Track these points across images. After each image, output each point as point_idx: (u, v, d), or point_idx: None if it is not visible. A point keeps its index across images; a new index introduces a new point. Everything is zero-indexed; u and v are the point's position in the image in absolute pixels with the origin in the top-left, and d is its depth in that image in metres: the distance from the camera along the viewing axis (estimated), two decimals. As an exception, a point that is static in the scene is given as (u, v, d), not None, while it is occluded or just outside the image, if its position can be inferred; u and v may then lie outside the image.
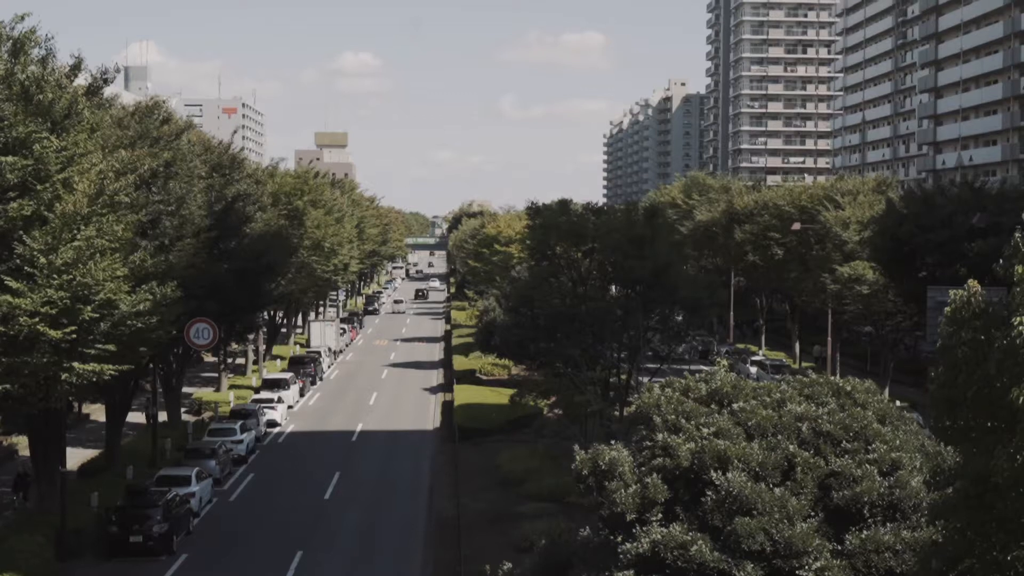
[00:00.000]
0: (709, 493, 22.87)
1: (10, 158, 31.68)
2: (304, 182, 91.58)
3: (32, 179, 32.47)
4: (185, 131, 54.75)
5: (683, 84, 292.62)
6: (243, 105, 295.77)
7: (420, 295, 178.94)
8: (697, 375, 26.78)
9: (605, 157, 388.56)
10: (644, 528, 22.96)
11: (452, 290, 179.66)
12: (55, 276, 32.38)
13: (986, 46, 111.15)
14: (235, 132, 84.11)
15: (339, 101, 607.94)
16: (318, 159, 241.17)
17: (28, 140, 32.06)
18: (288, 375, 76.10)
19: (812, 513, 22.91)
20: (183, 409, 67.38)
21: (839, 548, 22.22)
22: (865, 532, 22.30)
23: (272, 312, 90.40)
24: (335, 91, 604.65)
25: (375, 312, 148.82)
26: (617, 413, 50.76)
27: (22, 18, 34.27)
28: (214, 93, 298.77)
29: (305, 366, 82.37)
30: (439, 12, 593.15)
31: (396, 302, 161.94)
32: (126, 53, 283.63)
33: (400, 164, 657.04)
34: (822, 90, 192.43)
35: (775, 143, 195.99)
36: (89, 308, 33.71)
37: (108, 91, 42.86)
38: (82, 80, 38.62)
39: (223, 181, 60.80)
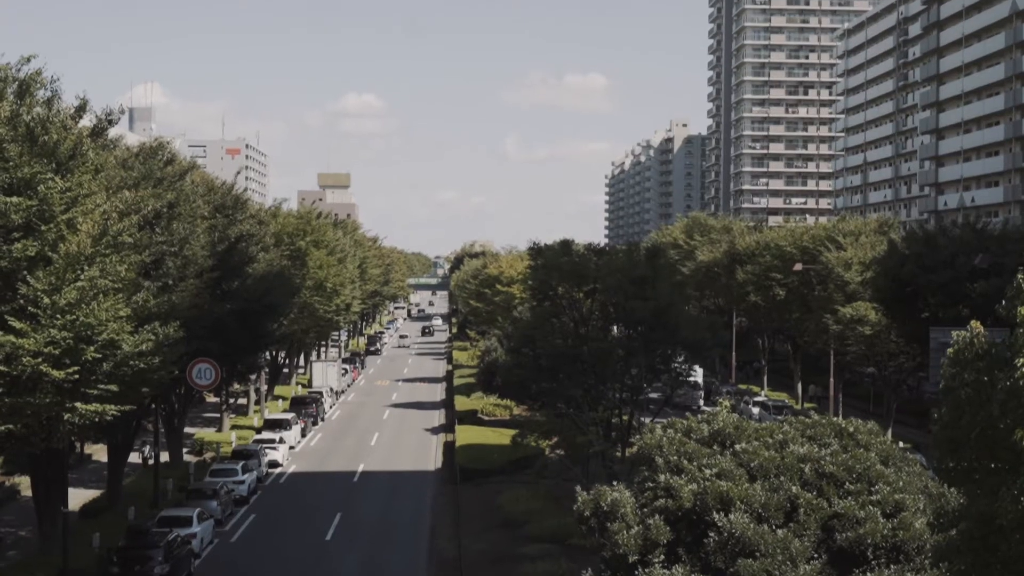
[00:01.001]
0: (712, 535, 22.83)
1: (15, 199, 31.78)
2: (307, 222, 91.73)
3: (36, 219, 32.56)
4: (188, 172, 54.96)
5: (684, 125, 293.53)
6: (246, 146, 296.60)
7: (426, 332, 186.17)
8: (699, 416, 26.77)
9: (607, 197, 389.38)
10: (646, 570, 22.91)
11: (454, 330, 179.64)
12: (58, 316, 32.41)
13: (987, 88, 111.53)
14: (238, 173, 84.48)
15: (342, 142, 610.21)
16: (321, 199, 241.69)
17: (33, 181, 32.17)
18: (290, 415, 76.00)
19: (815, 555, 22.86)
20: (185, 449, 67.27)
21: (843, 590, 22.18)
22: (869, 574, 22.25)
23: (274, 352, 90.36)
24: (338, 132, 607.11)
25: (377, 352, 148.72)
26: (619, 454, 50.66)
27: (28, 60, 34.48)
28: (218, 134, 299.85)
29: (307, 406, 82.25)
30: (442, 53, 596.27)
31: (402, 336, 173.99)
32: (131, 94, 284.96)
33: (403, 204, 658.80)
34: (823, 131, 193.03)
35: (777, 184, 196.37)
36: (92, 348, 33.71)
37: (113, 132, 43.05)
38: (87, 121, 38.78)
39: (226, 221, 60.91)
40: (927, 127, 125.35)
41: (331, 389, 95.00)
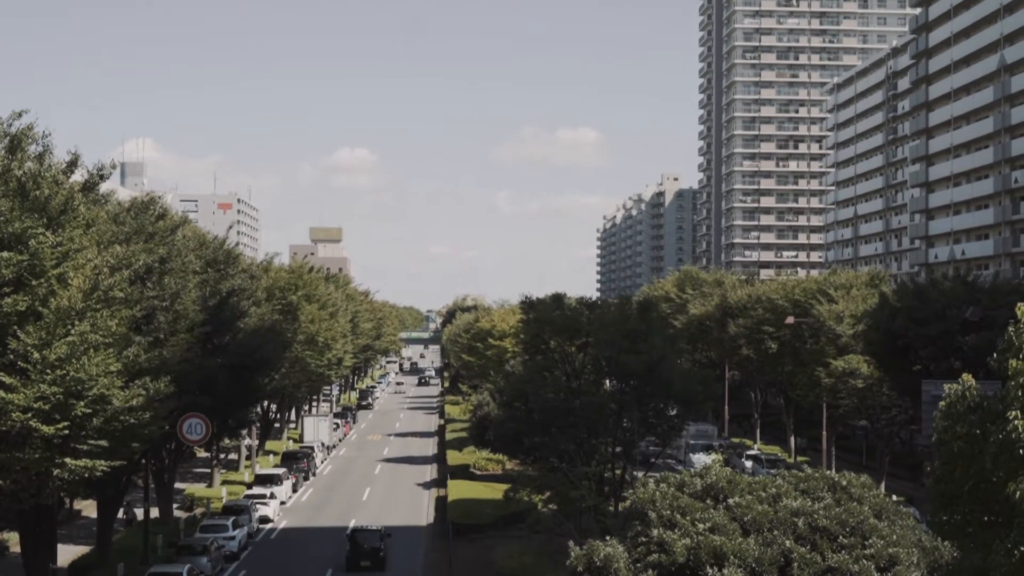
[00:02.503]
0: (706, 589, 22.68)
1: (5, 253, 31.74)
2: (298, 277, 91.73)
3: (27, 274, 32.51)
4: (180, 226, 54.90)
5: (676, 179, 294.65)
6: (238, 200, 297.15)
7: (422, 382, 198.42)
8: (692, 469, 26.69)
9: (599, 251, 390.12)
10: (640, 625, 22.74)
11: (446, 384, 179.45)
12: (48, 371, 32.30)
13: (976, 141, 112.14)
14: (230, 227, 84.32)
15: (334, 196, 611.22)
16: (312, 254, 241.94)
17: (24, 236, 32.14)
18: (281, 470, 75.68)
19: (810, 609, 22.71)
20: (175, 505, 66.89)
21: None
22: (863, 629, 22.11)
23: (265, 407, 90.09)
24: (330, 186, 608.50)
25: (369, 407, 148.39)
26: (612, 508, 50.46)
27: (20, 115, 34.53)
28: (210, 189, 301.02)
29: (298, 461, 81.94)
30: (435, 109, 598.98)
31: (399, 383, 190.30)
32: (123, 149, 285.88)
33: (395, 259, 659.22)
34: (814, 184, 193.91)
35: (768, 237, 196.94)
36: (82, 403, 33.58)
37: (104, 187, 43.07)
38: (78, 176, 38.80)
39: (218, 276, 60.86)
40: (917, 180, 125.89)
41: (322, 444, 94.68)
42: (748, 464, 76.73)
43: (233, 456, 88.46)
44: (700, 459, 74.32)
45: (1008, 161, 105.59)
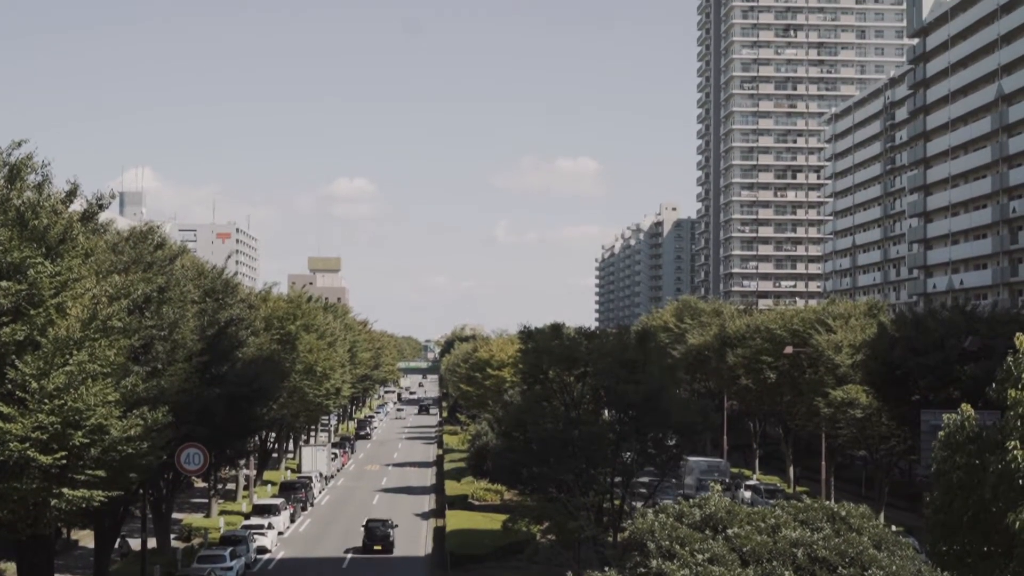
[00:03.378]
0: (705, 620, 22.59)
1: (4, 283, 31.74)
2: (297, 306, 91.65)
3: (26, 304, 32.50)
4: (179, 256, 54.89)
5: (674, 209, 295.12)
6: (237, 230, 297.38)
7: (422, 410, 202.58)
8: (691, 500, 26.63)
9: (597, 281, 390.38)
10: (639, 656, 22.65)
11: (444, 414, 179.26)
12: (46, 401, 32.25)
13: (974, 171, 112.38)
14: (229, 257, 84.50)
15: (333, 226, 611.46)
16: (311, 283, 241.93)
17: (23, 265, 32.14)
18: (279, 501, 75.49)
19: (809, 641, 22.62)
20: (172, 535, 66.69)
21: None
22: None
23: (263, 437, 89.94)
24: (329, 216, 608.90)
25: (367, 436, 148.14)
26: (611, 539, 50.34)
27: (19, 144, 34.59)
28: (209, 218, 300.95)
29: (296, 491, 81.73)
30: (435, 139, 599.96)
31: (399, 409, 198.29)
32: (122, 179, 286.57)
33: (393, 288, 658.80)
34: (812, 215, 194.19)
35: (766, 267, 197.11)
36: (80, 433, 33.52)
37: (103, 216, 43.07)
38: (77, 206, 38.80)
39: (216, 306, 60.81)
40: (915, 210, 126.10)
41: (320, 474, 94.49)
42: (747, 494, 76.58)
43: (231, 486, 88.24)
44: None
45: (1006, 191, 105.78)
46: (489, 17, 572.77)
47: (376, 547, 65.64)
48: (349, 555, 65.60)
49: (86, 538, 65.05)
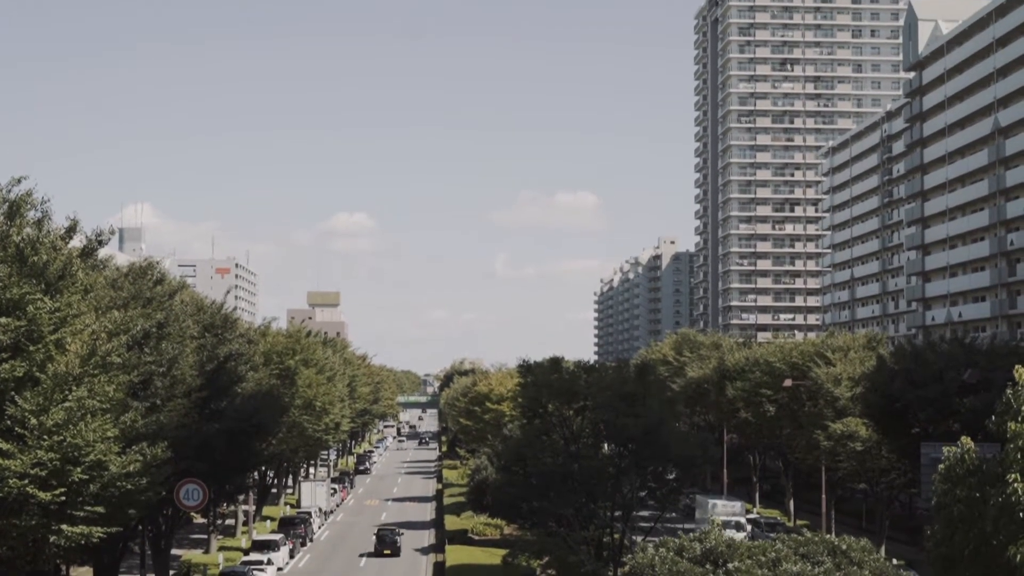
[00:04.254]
0: (706, 655, 22.54)
1: (3, 319, 31.75)
2: (296, 341, 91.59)
3: (25, 340, 32.50)
4: (178, 291, 54.92)
5: (672, 242, 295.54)
6: (236, 265, 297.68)
7: (422, 442, 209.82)
8: (691, 534, 26.61)
9: (596, 314, 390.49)
10: None
11: (444, 448, 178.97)
12: (45, 437, 32.21)
13: (972, 203, 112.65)
14: (228, 292, 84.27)
15: (332, 260, 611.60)
16: (310, 318, 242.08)
17: (22, 301, 32.16)
18: (278, 536, 75.23)
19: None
20: (171, 571, 66.41)
21: None
22: None
23: (262, 472, 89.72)
24: (328, 251, 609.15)
25: (366, 471, 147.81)
26: (611, 573, 50.20)
27: (19, 181, 34.67)
28: (208, 253, 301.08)
29: (295, 527, 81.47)
30: (434, 174, 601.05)
31: (400, 440, 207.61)
32: (121, 215, 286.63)
33: (392, 322, 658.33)
34: (810, 247, 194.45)
35: (764, 300, 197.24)
36: (79, 469, 33.46)
37: (102, 252, 43.12)
38: (77, 242, 38.85)
39: (215, 341, 60.77)
40: (913, 243, 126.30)
41: (320, 509, 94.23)
42: (747, 528, 76.35)
43: (230, 522, 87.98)
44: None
45: (1004, 223, 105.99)
46: (487, 51, 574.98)
47: (386, 551, 76.13)
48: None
49: (85, 575, 64.79)
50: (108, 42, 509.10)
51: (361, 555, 67.76)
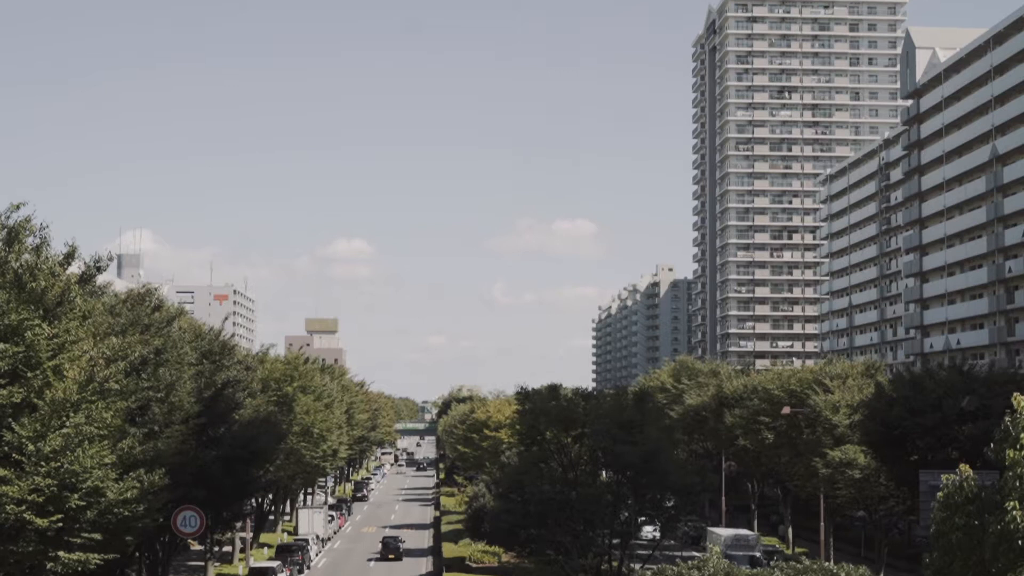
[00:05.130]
0: None
1: (1, 345, 31.75)
2: (294, 368, 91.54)
3: (23, 366, 32.50)
4: (176, 318, 54.92)
5: (670, 269, 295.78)
6: (234, 292, 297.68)
7: (420, 468, 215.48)
8: (689, 562, 26.56)
9: (594, 342, 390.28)
10: None
11: (441, 475, 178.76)
12: (43, 463, 32.18)
13: (970, 231, 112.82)
14: (226, 319, 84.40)
15: (331, 287, 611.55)
16: (308, 345, 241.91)
17: (20, 327, 32.17)
18: (275, 563, 75.00)
19: None
20: (168, 599, 66.18)
21: None
22: None
23: (260, 499, 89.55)
24: (327, 277, 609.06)
25: (364, 498, 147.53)
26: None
27: (18, 207, 34.71)
28: (206, 280, 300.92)
29: (292, 554, 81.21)
30: (433, 201, 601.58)
31: (399, 464, 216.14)
32: (120, 241, 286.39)
33: (390, 349, 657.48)
34: (808, 275, 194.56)
35: (763, 327, 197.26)
36: (76, 496, 33.41)
37: (101, 279, 43.12)
38: (75, 268, 38.87)
39: (213, 367, 60.71)
40: (911, 270, 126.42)
41: (317, 536, 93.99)
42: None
43: (227, 548, 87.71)
44: None
45: (1001, 251, 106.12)
46: (485, 77, 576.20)
47: (390, 555, 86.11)
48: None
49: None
50: (106, 67, 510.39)
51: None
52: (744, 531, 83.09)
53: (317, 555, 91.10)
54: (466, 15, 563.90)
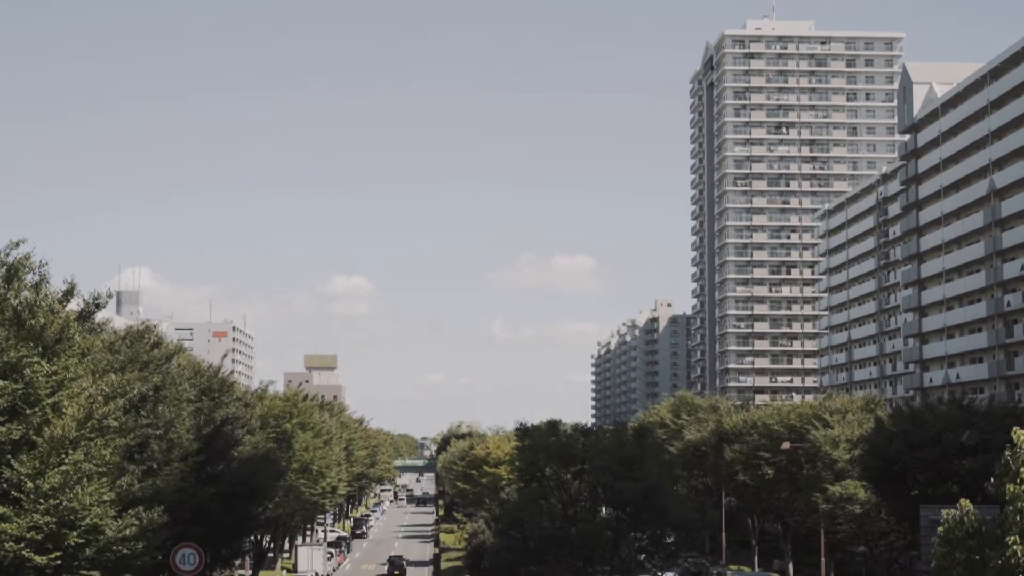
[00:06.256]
0: None
1: (0, 382, 31.75)
2: (293, 405, 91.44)
3: (22, 403, 32.49)
4: (175, 355, 54.92)
5: (669, 304, 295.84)
6: (233, 328, 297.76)
7: (420, 503, 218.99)
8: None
9: (593, 377, 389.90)
10: None
11: (441, 512, 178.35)
12: (42, 501, 32.13)
13: (968, 265, 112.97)
14: (225, 355, 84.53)
15: (330, 323, 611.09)
16: (307, 381, 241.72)
17: (19, 365, 32.19)
18: (274, 601, 74.82)
19: None
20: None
21: None
22: None
23: (259, 536, 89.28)
24: (326, 313, 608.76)
25: (363, 535, 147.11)
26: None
27: (17, 244, 34.77)
28: (205, 317, 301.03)
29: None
30: (432, 238, 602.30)
31: (399, 501, 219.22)
32: (119, 278, 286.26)
33: (389, 385, 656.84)
34: (807, 310, 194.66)
35: (762, 362, 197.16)
36: (75, 533, 33.34)
37: (100, 315, 43.16)
38: (74, 305, 38.91)
39: (212, 404, 60.63)
40: (910, 305, 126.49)
41: (316, 574, 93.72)
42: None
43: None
44: None
45: (1000, 285, 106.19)
46: (484, 114, 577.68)
47: (396, 572, 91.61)
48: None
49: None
50: (105, 105, 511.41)
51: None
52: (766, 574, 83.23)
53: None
54: (466, 50, 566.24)
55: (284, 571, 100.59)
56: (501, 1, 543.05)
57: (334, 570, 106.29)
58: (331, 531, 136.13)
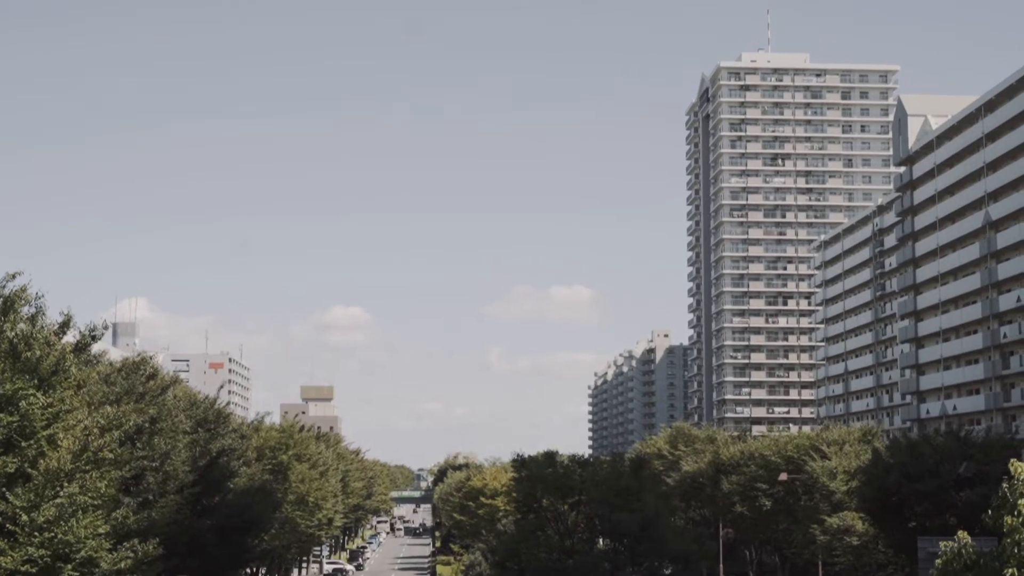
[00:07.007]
0: None
1: (-4, 415, 31.71)
2: (289, 436, 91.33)
3: (17, 436, 32.42)
4: (171, 386, 54.86)
5: (666, 335, 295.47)
6: (230, 360, 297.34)
7: (416, 534, 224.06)
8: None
9: (590, 408, 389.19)
10: None
11: (438, 544, 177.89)
12: (36, 534, 32.02)
13: (964, 296, 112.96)
14: (221, 387, 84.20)
15: (327, 354, 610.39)
16: (303, 412, 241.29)
17: (14, 397, 32.14)
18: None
19: None
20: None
21: None
22: None
23: (255, 568, 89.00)
24: (323, 344, 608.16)
25: (359, 567, 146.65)
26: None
27: (13, 276, 34.76)
28: (201, 348, 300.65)
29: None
30: (429, 269, 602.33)
31: (397, 529, 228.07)
32: (115, 309, 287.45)
33: (386, 416, 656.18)
34: (804, 341, 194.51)
35: (759, 393, 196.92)
36: (70, 566, 33.21)
37: (96, 347, 43.12)
38: (70, 337, 38.88)
39: (208, 436, 60.55)
40: (906, 336, 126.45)
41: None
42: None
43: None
44: None
45: (996, 316, 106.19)
46: (482, 145, 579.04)
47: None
48: None
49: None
50: (99, 134, 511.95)
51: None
52: None
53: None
54: (462, 78, 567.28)
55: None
56: (495, 31, 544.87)
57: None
58: (328, 563, 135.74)
